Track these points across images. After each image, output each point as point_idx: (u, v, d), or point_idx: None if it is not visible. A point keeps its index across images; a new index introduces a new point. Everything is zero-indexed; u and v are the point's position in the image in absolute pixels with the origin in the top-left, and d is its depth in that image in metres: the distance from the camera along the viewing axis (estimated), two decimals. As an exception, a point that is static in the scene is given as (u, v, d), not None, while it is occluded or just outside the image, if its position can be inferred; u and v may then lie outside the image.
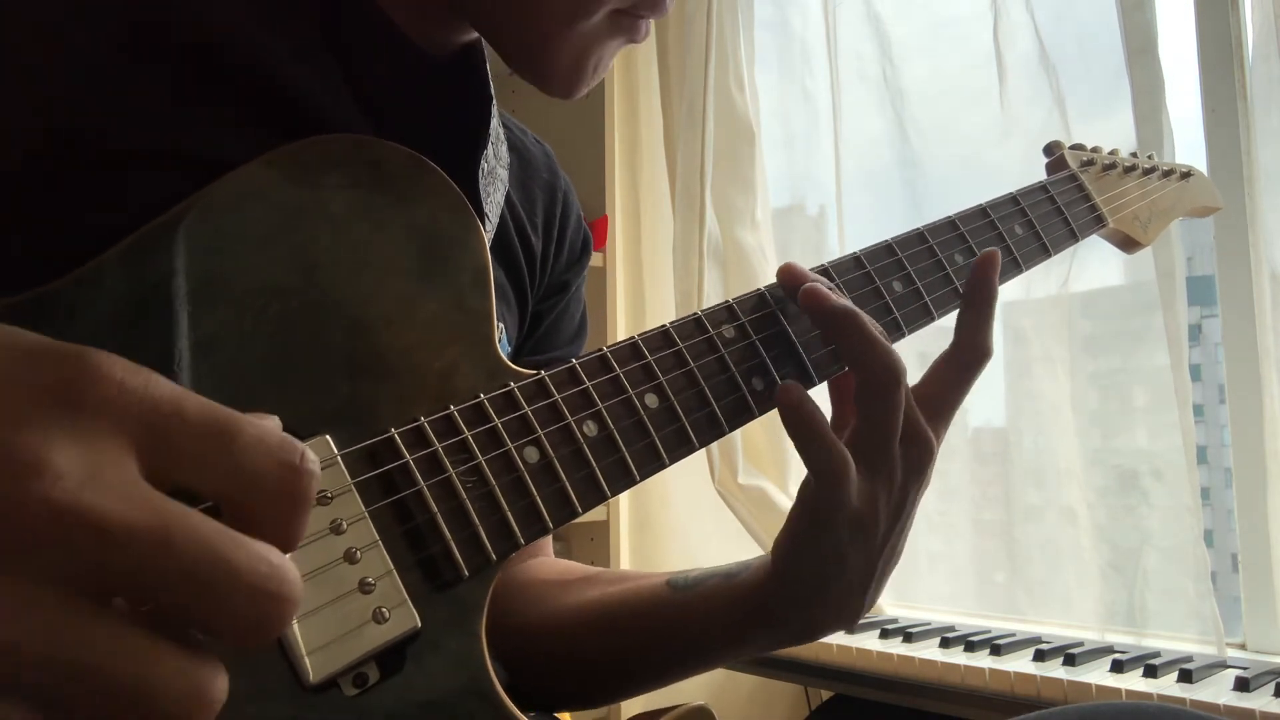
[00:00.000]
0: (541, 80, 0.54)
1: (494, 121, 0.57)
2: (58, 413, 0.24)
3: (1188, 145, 1.23)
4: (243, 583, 0.25)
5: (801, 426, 0.47)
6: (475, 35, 0.56)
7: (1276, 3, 1.15)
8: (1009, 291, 1.38)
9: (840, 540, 0.49)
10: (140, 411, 0.25)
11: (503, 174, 0.58)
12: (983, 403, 1.47)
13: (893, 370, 0.48)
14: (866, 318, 0.49)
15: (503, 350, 0.47)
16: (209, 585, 0.24)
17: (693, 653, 0.56)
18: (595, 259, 1.65)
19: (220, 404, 0.27)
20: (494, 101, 0.57)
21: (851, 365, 0.49)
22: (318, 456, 0.39)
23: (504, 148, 0.59)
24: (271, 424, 0.28)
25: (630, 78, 1.80)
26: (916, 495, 0.52)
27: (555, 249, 0.67)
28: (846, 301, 0.50)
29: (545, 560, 0.67)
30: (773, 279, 0.54)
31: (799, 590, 0.51)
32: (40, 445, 0.23)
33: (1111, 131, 1.28)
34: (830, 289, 0.50)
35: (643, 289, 1.77)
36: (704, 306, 0.52)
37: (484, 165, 0.55)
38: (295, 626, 0.36)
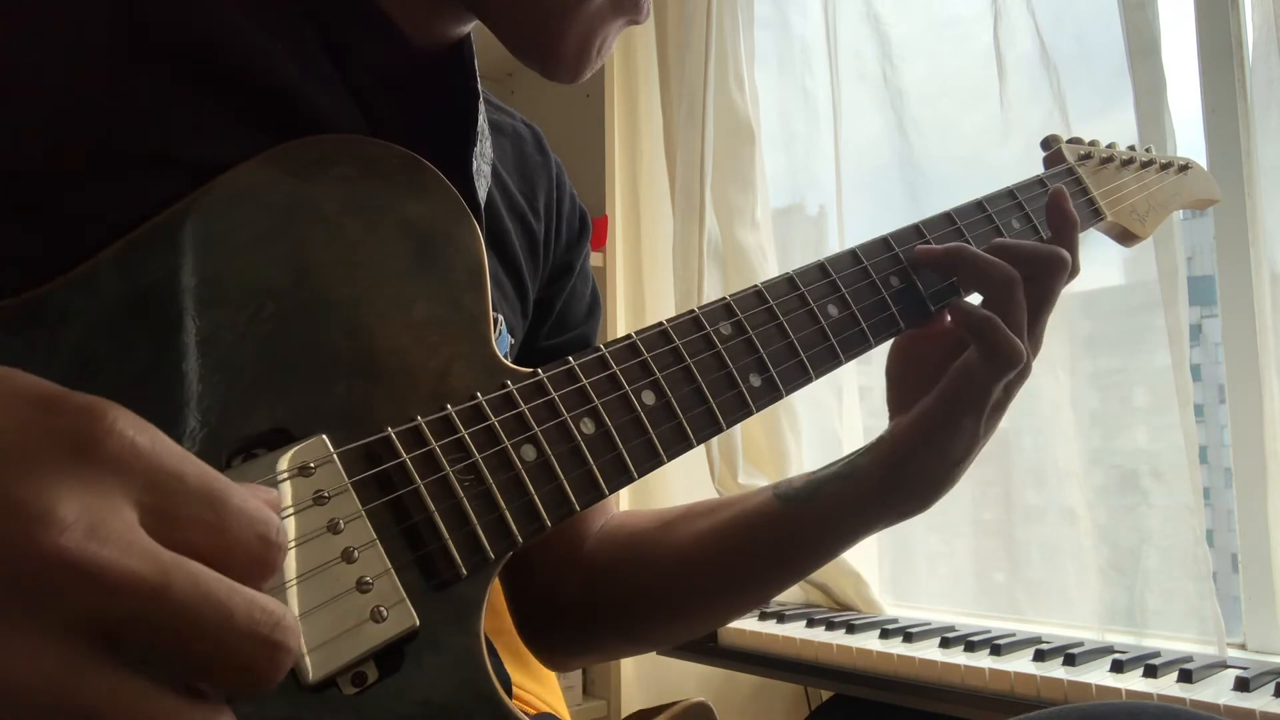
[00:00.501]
0: (547, 65, 0.53)
1: (481, 119, 0.56)
2: (68, 462, 0.25)
3: (1188, 145, 1.23)
4: (239, 626, 0.26)
5: (981, 321, 0.55)
6: (467, 30, 0.56)
7: (1277, 3, 1.15)
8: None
9: (980, 422, 0.57)
10: (145, 469, 0.26)
11: (486, 170, 0.58)
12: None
13: (1010, 274, 0.57)
14: (972, 247, 0.59)
15: (501, 342, 0.47)
16: (207, 630, 0.25)
17: (820, 553, 0.61)
18: (595, 259, 1.65)
19: (214, 471, 0.28)
20: (481, 99, 0.57)
21: (975, 283, 0.59)
22: (316, 458, 0.39)
23: (489, 144, 0.59)
24: (262, 494, 0.30)
25: (630, 78, 1.80)
26: None
27: (555, 231, 0.67)
28: (949, 245, 0.60)
29: (629, 512, 0.70)
30: (773, 278, 0.55)
31: (928, 473, 0.58)
32: (48, 494, 0.24)
33: (1112, 131, 1.27)
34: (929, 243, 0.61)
35: (643, 289, 1.77)
36: (707, 302, 0.53)
37: (475, 164, 0.55)
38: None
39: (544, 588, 0.66)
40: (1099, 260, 1.29)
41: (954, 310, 0.58)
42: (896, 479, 0.58)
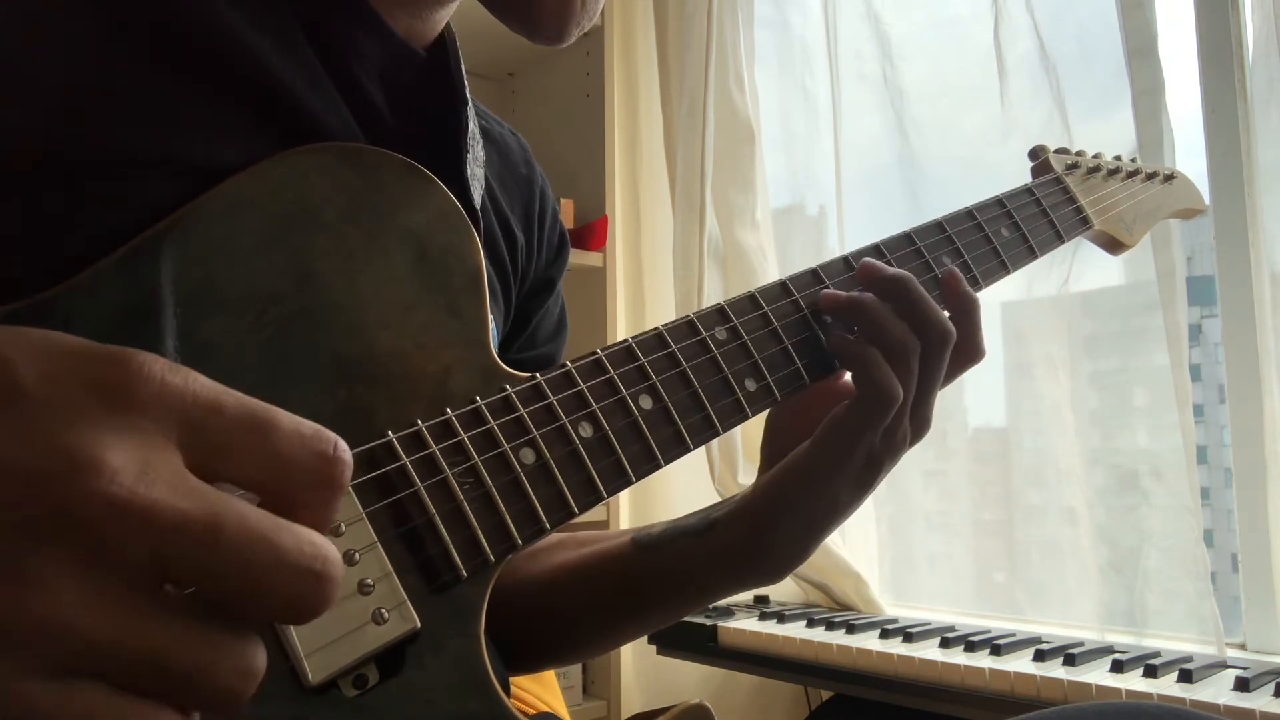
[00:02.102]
0: (529, 24, 0.52)
1: (472, 124, 0.56)
2: (106, 412, 0.25)
3: (1188, 145, 1.23)
4: (289, 563, 0.26)
5: (861, 358, 0.53)
6: (448, 13, 0.55)
7: (1277, 3, 1.15)
8: (1009, 292, 1.39)
9: (845, 480, 0.54)
10: (181, 407, 0.26)
11: (479, 173, 0.58)
12: (983, 403, 1.48)
13: (908, 343, 0.53)
14: (877, 302, 0.54)
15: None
16: (257, 568, 0.26)
17: (665, 607, 0.60)
18: (594, 259, 1.65)
19: (256, 400, 0.28)
20: (469, 104, 0.57)
21: (872, 338, 0.54)
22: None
23: (480, 146, 0.59)
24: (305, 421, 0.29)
25: (630, 78, 1.80)
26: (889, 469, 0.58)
27: (537, 244, 0.67)
28: (852, 294, 0.55)
29: None
30: (773, 279, 0.55)
31: (790, 537, 0.56)
32: (94, 444, 0.25)
33: (1112, 131, 1.28)
34: (859, 292, 0.56)
35: (643, 289, 1.77)
36: (703, 307, 0.53)
37: (469, 169, 0.55)
38: (294, 628, 0.36)
39: None
40: (1099, 261, 1.29)
41: (834, 338, 0.54)
42: (756, 542, 0.56)
